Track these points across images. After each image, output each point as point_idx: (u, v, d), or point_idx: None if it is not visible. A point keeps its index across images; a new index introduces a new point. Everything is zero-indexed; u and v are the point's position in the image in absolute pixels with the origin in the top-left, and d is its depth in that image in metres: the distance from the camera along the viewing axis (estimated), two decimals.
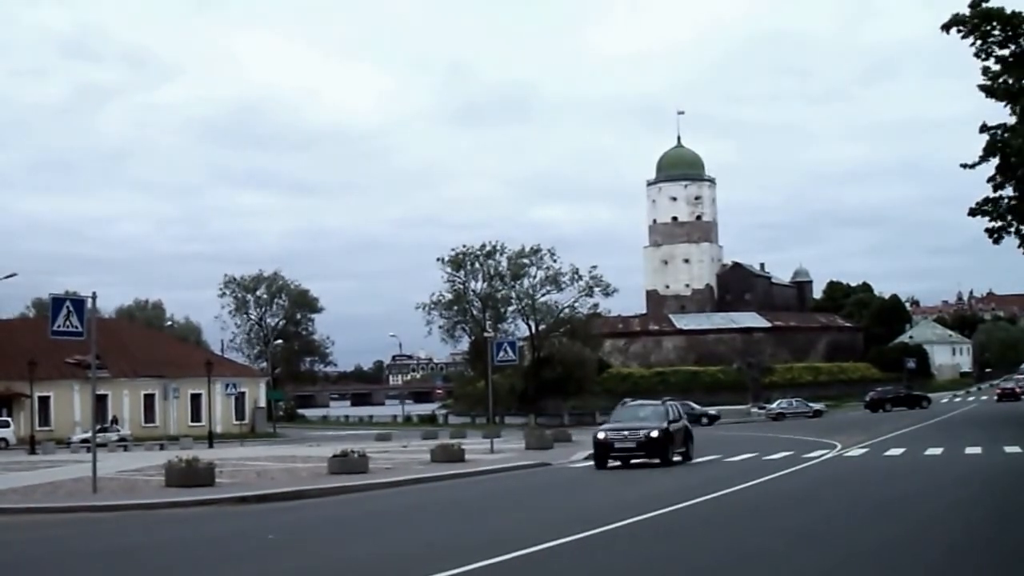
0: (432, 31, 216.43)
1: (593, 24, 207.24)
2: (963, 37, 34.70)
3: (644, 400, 30.01)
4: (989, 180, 36.43)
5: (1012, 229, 37.16)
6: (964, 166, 36.34)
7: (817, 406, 68.85)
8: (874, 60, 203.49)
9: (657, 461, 24.53)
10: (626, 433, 24.78)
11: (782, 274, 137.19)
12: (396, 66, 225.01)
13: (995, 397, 75.49)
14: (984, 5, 34.33)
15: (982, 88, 35.16)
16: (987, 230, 37.37)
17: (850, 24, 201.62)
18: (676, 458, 25.48)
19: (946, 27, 34.80)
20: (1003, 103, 35.25)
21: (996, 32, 34.60)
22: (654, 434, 24.51)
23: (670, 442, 24.94)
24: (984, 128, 35.81)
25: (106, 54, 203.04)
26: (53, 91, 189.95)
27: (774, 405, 69.56)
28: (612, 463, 25.05)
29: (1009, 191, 36.61)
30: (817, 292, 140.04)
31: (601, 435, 25.19)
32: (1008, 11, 34.29)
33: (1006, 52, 34.97)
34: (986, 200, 37.00)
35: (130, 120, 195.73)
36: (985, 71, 34.90)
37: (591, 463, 25.77)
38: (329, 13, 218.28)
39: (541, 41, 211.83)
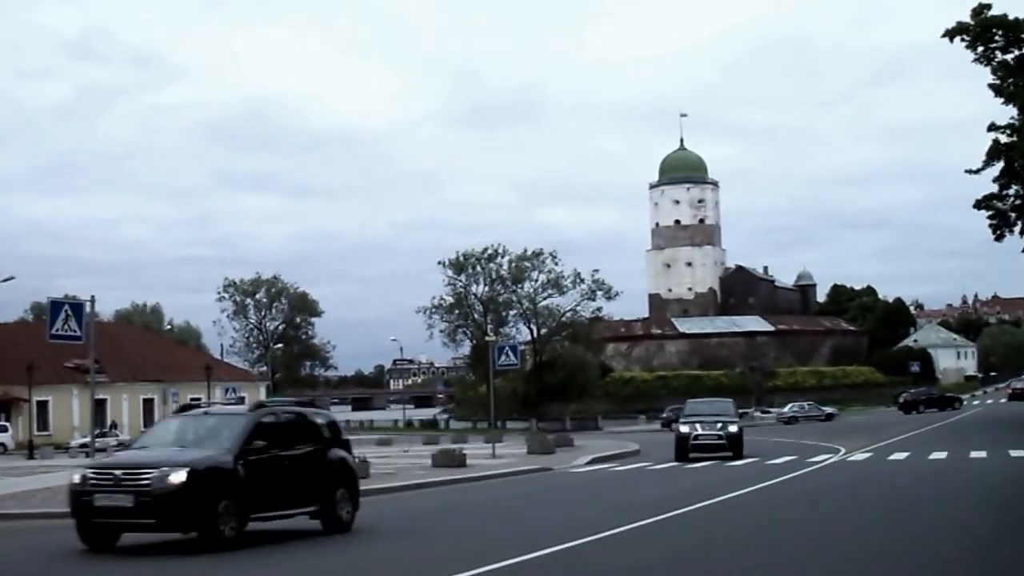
0: (440, 33, 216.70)
1: (601, 27, 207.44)
2: (967, 47, 34.56)
3: (223, 406, 16.61)
4: (995, 180, 36.48)
5: (1017, 228, 37.22)
6: (969, 172, 36.39)
7: (829, 409, 68.82)
8: (883, 63, 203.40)
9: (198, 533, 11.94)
10: (117, 474, 12.11)
11: (786, 277, 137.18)
12: (403, 68, 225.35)
13: (1004, 398, 76.85)
14: (987, 13, 34.20)
15: (991, 87, 35.07)
16: (991, 226, 37.46)
17: (859, 27, 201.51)
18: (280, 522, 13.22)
19: (949, 35, 34.66)
20: (1010, 104, 35.23)
21: (998, 37, 34.51)
22: (175, 480, 11.67)
23: (223, 496, 11.98)
24: (992, 127, 35.79)
25: (112, 55, 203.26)
26: (57, 92, 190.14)
27: (786, 409, 69.36)
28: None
29: (1015, 188, 36.69)
30: (821, 295, 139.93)
31: (77, 478, 12.45)
32: (1011, 18, 34.20)
33: (1008, 57, 34.89)
34: (991, 195, 37.09)
35: (134, 122, 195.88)
36: (994, 70, 34.82)
37: (588, 468, 24.34)
38: (336, 15, 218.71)
39: (548, 44, 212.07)
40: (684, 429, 29.09)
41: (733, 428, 29.14)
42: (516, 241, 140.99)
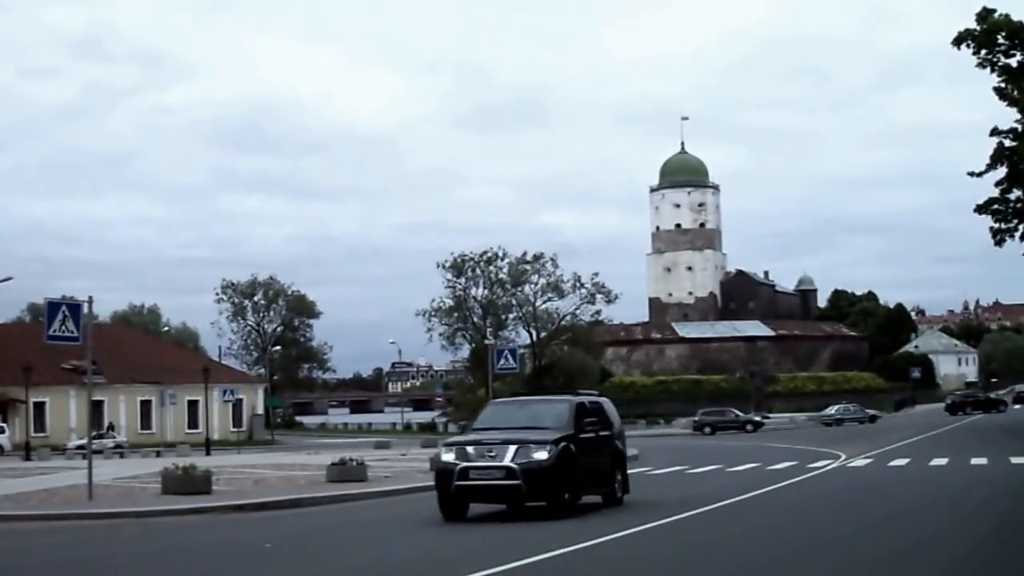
0: (442, 35, 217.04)
1: (606, 28, 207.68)
2: (974, 53, 34.42)
3: None
4: (998, 184, 36.38)
5: (1018, 233, 37.07)
6: (972, 174, 36.28)
7: (872, 412, 69.10)
8: (891, 66, 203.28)
9: None
10: None
11: (786, 282, 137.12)
12: (406, 70, 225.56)
13: (1008, 402, 78.13)
14: (993, 17, 34.05)
15: (996, 90, 34.92)
16: (991, 229, 37.33)
17: (867, 29, 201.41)
18: None
19: (957, 42, 34.54)
20: (1014, 108, 35.09)
21: (1001, 40, 34.37)
22: None
23: None
24: (995, 131, 35.64)
25: (116, 55, 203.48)
26: (62, 92, 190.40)
27: (832, 410, 69.32)
28: None
29: (1017, 193, 36.55)
30: (822, 301, 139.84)
31: None
32: (1015, 20, 34.06)
33: (1012, 61, 34.75)
34: (992, 200, 36.97)
35: (138, 122, 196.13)
36: (999, 74, 34.70)
37: None
38: (341, 15, 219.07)
39: (553, 45, 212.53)
40: (447, 457, 15.62)
41: (540, 455, 14.79)
42: (518, 243, 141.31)
